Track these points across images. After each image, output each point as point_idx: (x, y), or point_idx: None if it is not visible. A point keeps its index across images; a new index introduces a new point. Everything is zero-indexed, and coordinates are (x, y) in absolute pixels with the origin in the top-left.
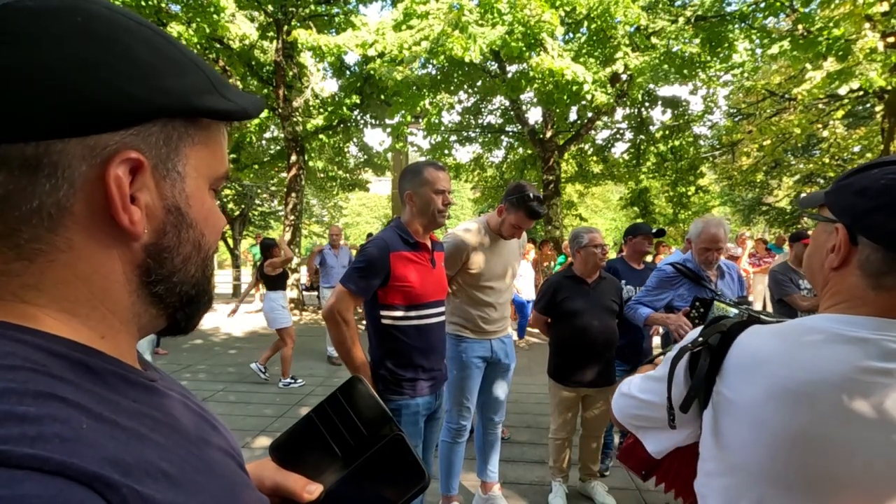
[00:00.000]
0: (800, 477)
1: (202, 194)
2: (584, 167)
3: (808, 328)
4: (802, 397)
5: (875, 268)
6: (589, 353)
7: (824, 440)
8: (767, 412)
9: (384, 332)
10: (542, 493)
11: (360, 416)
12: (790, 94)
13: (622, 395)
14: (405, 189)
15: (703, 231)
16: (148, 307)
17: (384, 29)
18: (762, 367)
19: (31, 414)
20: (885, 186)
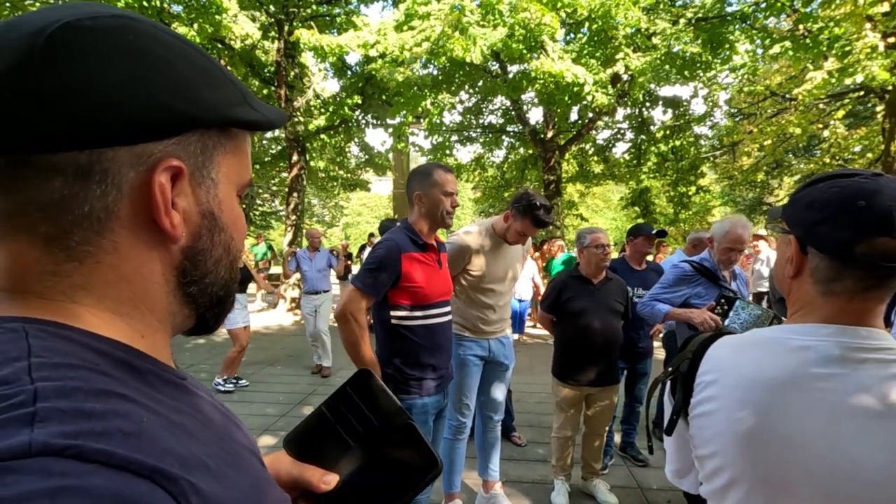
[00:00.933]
0: (757, 474)
1: (232, 200)
2: (584, 167)
3: (763, 339)
4: (750, 404)
5: (824, 275)
6: (591, 353)
7: (769, 440)
8: (726, 418)
9: (393, 331)
10: (544, 491)
11: (371, 408)
12: (791, 94)
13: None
14: (414, 190)
15: (731, 231)
16: (182, 307)
17: (386, 29)
18: (717, 377)
19: (96, 410)
20: (827, 200)
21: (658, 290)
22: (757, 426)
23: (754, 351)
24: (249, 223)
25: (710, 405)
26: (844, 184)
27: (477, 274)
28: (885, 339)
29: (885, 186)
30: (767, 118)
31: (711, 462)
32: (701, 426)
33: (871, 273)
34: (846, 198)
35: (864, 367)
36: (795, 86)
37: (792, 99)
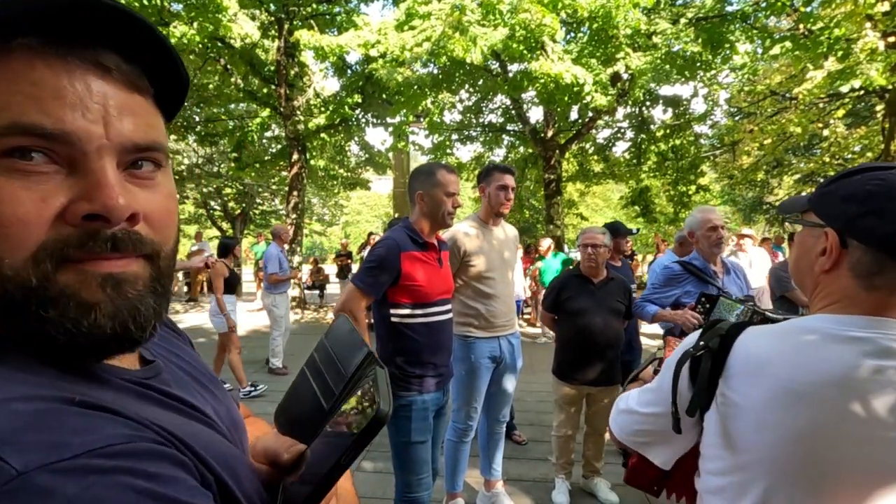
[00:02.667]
0: (804, 473)
1: None
2: (585, 166)
3: (805, 328)
4: (804, 397)
5: (866, 269)
6: (591, 352)
7: (826, 437)
8: (772, 413)
9: (393, 329)
10: (545, 489)
11: (341, 357)
12: (791, 94)
13: (621, 413)
14: (416, 189)
15: (703, 217)
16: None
17: (386, 29)
18: (764, 369)
19: None
20: (869, 192)
21: (649, 291)
22: (813, 421)
23: (802, 341)
24: (249, 222)
25: (741, 398)
26: (885, 176)
27: (475, 265)
28: None
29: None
30: (767, 117)
31: (739, 456)
32: (734, 416)
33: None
34: (891, 189)
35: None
36: (795, 85)
37: (792, 98)
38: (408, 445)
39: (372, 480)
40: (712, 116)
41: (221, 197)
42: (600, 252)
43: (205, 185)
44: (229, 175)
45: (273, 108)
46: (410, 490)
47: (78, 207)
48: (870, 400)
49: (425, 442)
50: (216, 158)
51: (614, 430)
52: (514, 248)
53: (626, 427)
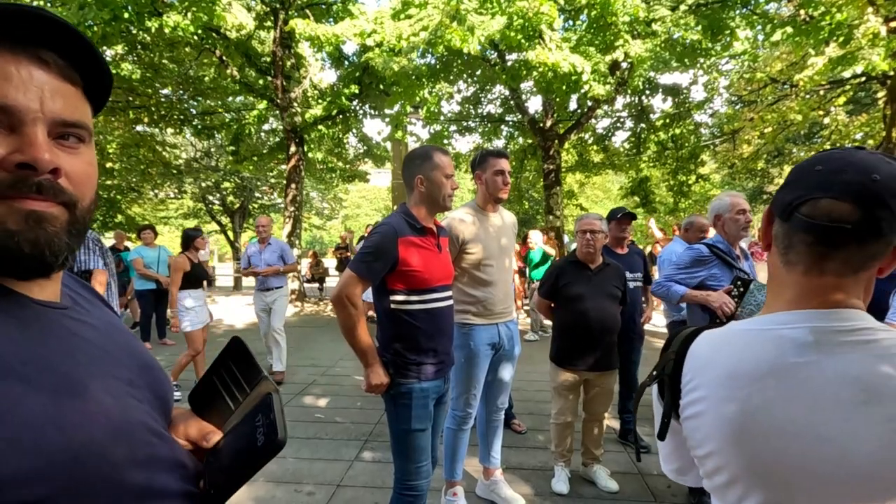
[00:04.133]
0: (752, 471)
1: None
2: (584, 156)
3: (736, 332)
4: (732, 398)
5: (781, 243)
6: (587, 338)
7: (757, 435)
8: (714, 415)
9: (393, 316)
10: (544, 477)
11: (242, 374)
12: (792, 81)
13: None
14: (415, 173)
15: (732, 200)
16: None
17: (382, 18)
18: (700, 376)
19: None
20: (795, 167)
21: (674, 272)
22: (744, 422)
23: (731, 345)
24: (248, 216)
25: (697, 406)
26: (818, 154)
27: (473, 252)
28: (859, 318)
29: (852, 155)
30: (768, 105)
31: (709, 461)
32: (693, 427)
33: (816, 237)
34: (809, 164)
35: (842, 352)
36: (796, 72)
37: (793, 85)
38: (407, 433)
39: (371, 469)
40: (712, 105)
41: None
42: (598, 238)
43: (203, 179)
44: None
45: (270, 100)
46: (409, 478)
47: (13, 157)
48: (792, 398)
49: (425, 430)
50: (214, 152)
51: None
52: (512, 235)
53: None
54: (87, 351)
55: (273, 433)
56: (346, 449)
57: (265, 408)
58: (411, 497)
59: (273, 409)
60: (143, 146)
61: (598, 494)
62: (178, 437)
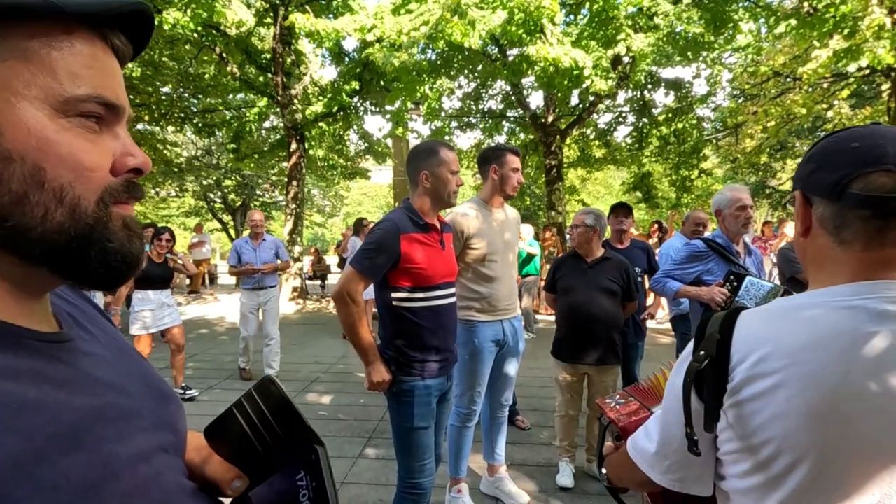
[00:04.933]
0: (828, 448)
1: (27, 120)
2: (586, 152)
3: (798, 305)
4: (806, 376)
5: (831, 223)
6: (583, 331)
7: (840, 410)
8: (781, 400)
9: (395, 313)
10: (548, 473)
11: (275, 417)
12: (795, 74)
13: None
14: (420, 169)
15: (733, 195)
16: (2, 256)
17: (383, 13)
18: (767, 358)
19: None
20: (823, 147)
21: (671, 267)
22: (825, 397)
23: (794, 319)
24: None
25: (761, 385)
26: (839, 134)
27: (477, 247)
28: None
29: (880, 129)
30: (771, 99)
31: (765, 449)
32: (750, 412)
33: (873, 212)
34: (840, 142)
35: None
36: (800, 65)
37: (796, 79)
38: (410, 431)
39: (375, 466)
40: (714, 99)
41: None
42: (578, 231)
43: (204, 177)
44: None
45: (270, 97)
46: (412, 476)
47: (126, 161)
48: (878, 369)
49: (428, 428)
50: (215, 150)
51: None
52: (516, 230)
53: (656, 470)
54: (110, 400)
55: (322, 500)
56: (350, 446)
57: (310, 467)
58: (415, 495)
59: (322, 469)
60: (144, 144)
61: (602, 490)
62: (193, 471)
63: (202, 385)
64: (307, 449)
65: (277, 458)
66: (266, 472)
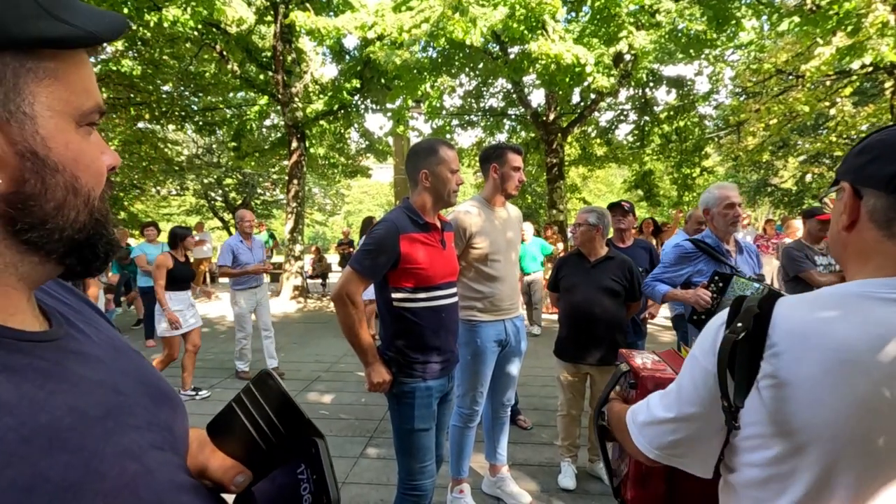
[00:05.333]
0: (867, 449)
1: (65, 134)
2: (587, 150)
3: (846, 294)
4: (858, 365)
5: (883, 216)
6: (584, 330)
7: (884, 404)
8: (826, 387)
9: (395, 313)
10: (550, 473)
11: (275, 411)
12: (798, 72)
13: (646, 427)
14: (420, 168)
15: (720, 194)
16: (24, 255)
17: (383, 10)
18: (810, 341)
19: None
20: (878, 140)
21: (660, 270)
22: (870, 391)
23: (845, 308)
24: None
25: (807, 369)
26: (892, 129)
27: (480, 247)
28: None
29: None
30: (774, 96)
31: (793, 438)
32: (791, 395)
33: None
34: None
35: None
36: (802, 63)
37: (799, 76)
38: (411, 433)
39: (376, 466)
40: (717, 97)
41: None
42: (581, 230)
43: (205, 175)
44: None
45: (271, 96)
46: (413, 477)
47: (110, 161)
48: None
49: (428, 429)
50: (215, 149)
51: (642, 448)
52: (518, 229)
53: (656, 440)
54: (97, 398)
55: (323, 492)
56: (351, 446)
57: (310, 460)
58: (415, 497)
59: (322, 462)
60: (145, 143)
61: (604, 490)
62: (196, 468)
63: (204, 383)
64: (307, 442)
65: (279, 453)
66: (268, 467)
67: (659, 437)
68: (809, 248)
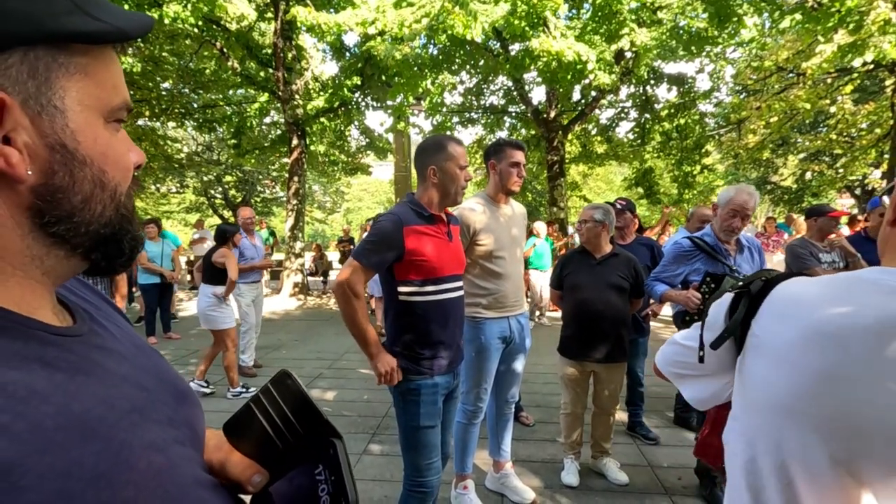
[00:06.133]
0: (820, 416)
1: (94, 128)
2: (588, 147)
3: (855, 277)
4: (835, 339)
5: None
6: (591, 328)
7: (849, 382)
8: (797, 352)
9: (402, 307)
10: (554, 470)
11: (293, 412)
12: (799, 69)
13: (667, 345)
14: (428, 164)
15: (734, 196)
16: (51, 249)
17: (384, 6)
18: (798, 308)
19: None
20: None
21: (659, 269)
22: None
23: (846, 288)
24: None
25: (776, 332)
26: None
27: (484, 243)
28: None
29: None
30: (774, 94)
31: (752, 393)
32: (755, 353)
33: None
34: None
35: None
36: (803, 60)
37: (800, 74)
38: (416, 430)
39: (379, 462)
40: (717, 94)
41: (222, 185)
42: (587, 227)
43: (205, 173)
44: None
45: (271, 93)
46: (419, 475)
47: (137, 158)
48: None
49: (434, 426)
50: (215, 146)
51: (657, 362)
52: (523, 226)
53: (666, 357)
54: (123, 392)
55: (341, 493)
56: (354, 442)
57: (328, 461)
58: (421, 494)
59: (340, 463)
60: (145, 140)
61: (608, 487)
62: (212, 467)
63: (209, 379)
64: (325, 443)
65: (296, 454)
66: (285, 468)
67: (669, 355)
68: (814, 245)
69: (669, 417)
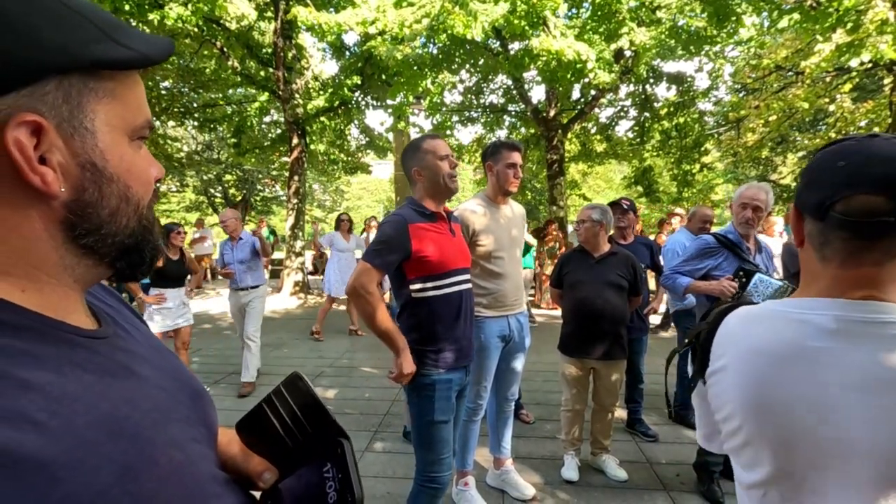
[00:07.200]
0: (763, 436)
1: (120, 147)
2: (587, 146)
3: (768, 311)
4: (751, 372)
5: (816, 240)
6: (590, 326)
7: (771, 407)
8: (733, 385)
9: (413, 305)
10: (554, 466)
11: (303, 413)
12: (797, 68)
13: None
14: (411, 167)
15: (745, 190)
16: (81, 258)
17: (385, 6)
18: (728, 347)
19: None
20: (814, 163)
21: (680, 263)
22: (760, 394)
23: (760, 323)
24: (251, 209)
25: (721, 374)
26: (832, 148)
27: (484, 244)
28: (891, 311)
29: (873, 145)
30: (773, 93)
31: (728, 424)
32: (715, 393)
33: (854, 233)
34: (828, 159)
35: (860, 342)
36: (802, 59)
37: (799, 73)
38: (430, 425)
39: (382, 459)
40: (716, 93)
41: (222, 184)
42: (585, 227)
43: (205, 171)
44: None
45: (271, 92)
46: (432, 470)
47: (156, 173)
48: (803, 380)
49: (448, 421)
50: (215, 145)
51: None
52: (522, 226)
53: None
54: (146, 392)
55: (348, 490)
56: (357, 440)
57: (336, 459)
58: (433, 489)
59: (347, 462)
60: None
61: (607, 483)
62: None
63: (208, 380)
64: (333, 442)
65: (305, 452)
66: (295, 465)
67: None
68: None
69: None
